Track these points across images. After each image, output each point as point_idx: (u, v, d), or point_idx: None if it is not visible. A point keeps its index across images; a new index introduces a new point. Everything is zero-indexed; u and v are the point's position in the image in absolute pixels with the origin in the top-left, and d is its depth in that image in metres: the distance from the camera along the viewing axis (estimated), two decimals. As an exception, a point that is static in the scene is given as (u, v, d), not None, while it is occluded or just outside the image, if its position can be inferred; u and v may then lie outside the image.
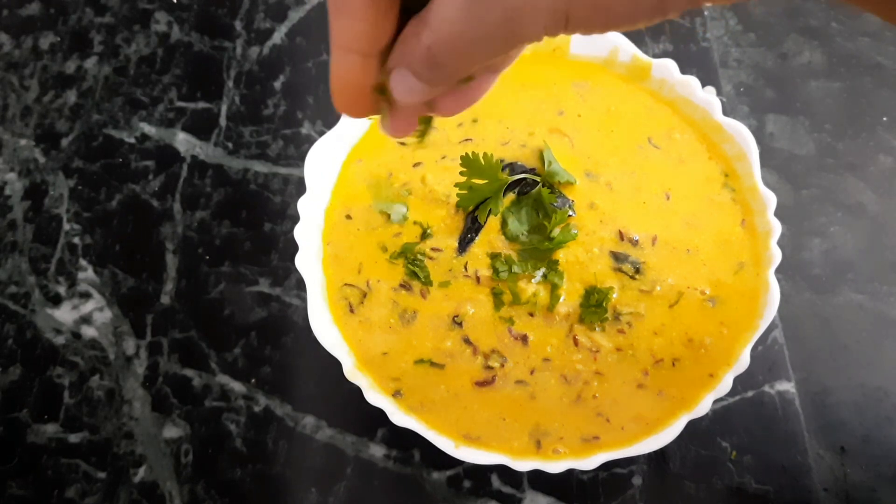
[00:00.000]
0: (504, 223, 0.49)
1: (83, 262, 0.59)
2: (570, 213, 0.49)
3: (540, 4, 0.23)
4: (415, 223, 0.50)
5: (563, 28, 0.24)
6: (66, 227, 0.61)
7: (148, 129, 0.65)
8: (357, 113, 0.29)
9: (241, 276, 0.58)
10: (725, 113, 0.51)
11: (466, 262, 0.48)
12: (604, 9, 0.24)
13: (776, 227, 0.48)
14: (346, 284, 0.49)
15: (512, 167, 0.50)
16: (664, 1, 0.24)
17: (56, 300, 0.58)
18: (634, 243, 0.49)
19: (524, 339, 0.47)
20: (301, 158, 0.57)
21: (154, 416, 0.54)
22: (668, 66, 0.52)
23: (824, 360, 0.56)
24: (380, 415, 0.44)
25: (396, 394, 0.46)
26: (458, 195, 0.49)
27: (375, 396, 0.45)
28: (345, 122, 0.52)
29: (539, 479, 0.51)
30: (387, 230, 0.50)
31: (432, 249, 0.49)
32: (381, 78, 0.28)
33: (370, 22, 0.26)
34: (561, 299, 0.47)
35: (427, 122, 0.33)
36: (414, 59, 0.27)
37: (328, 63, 0.28)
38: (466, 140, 0.52)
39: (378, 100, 0.29)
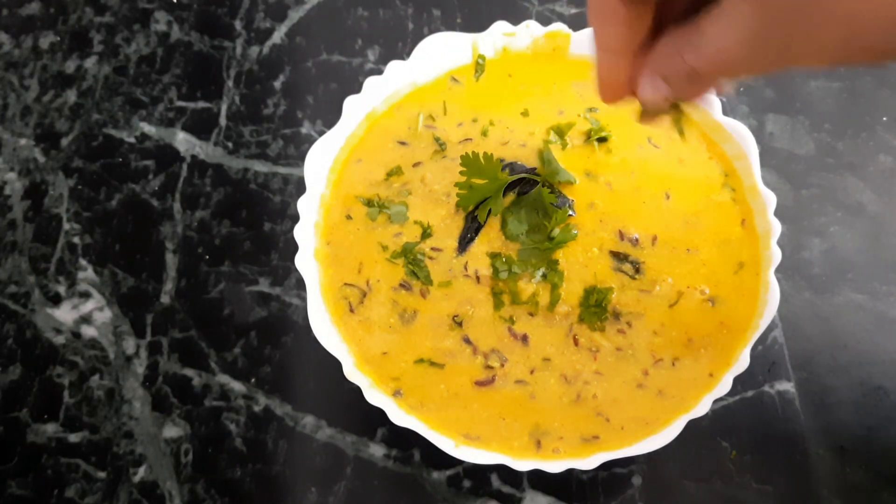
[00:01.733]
0: (504, 223, 0.49)
1: (83, 262, 0.59)
2: (570, 212, 0.49)
3: (826, 44, 0.25)
4: (415, 223, 0.50)
5: (833, 63, 0.27)
6: (66, 226, 0.61)
7: (148, 128, 0.65)
8: (617, 101, 0.33)
9: (241, 276, 0.58)
10: (725, 112, 0.51)
11: (466, 262, 0.48)
12: (852, 40, 0.26)
13: (776, 227, 0.48)
14: (346, 284, 0.49)
15: (512, 167, 0.50)
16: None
17: (56, 300, 0.58)
18: (634, 243, 0.49)
19: (524, 338, 0.47)
20: (301, 158, 0.57)
21: (154, 416, 0.54)
22: (669, 65, 0.52)
23: (824, 360, 0.56)
24: (380, 414, 0.44)
25: (396, 393, 0.46)
26: (458, 195, 0.49)
27: (375, 396, 0.45)
28: (345, 121, 0.52)
29: (539, 479, 0.51)
30: (387, 230, 0.50)
31: (432, 249, 0.49)
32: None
33: (629, 27, 0.30)
34: (561, 299, 0.47)
35: (678, 110, 0.36)
36: (672, 72, 0.30)
37: (328, 63, 0.29)
38: (466, 140, 0.52)
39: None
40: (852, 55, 0.26)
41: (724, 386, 0.44)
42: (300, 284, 0.57)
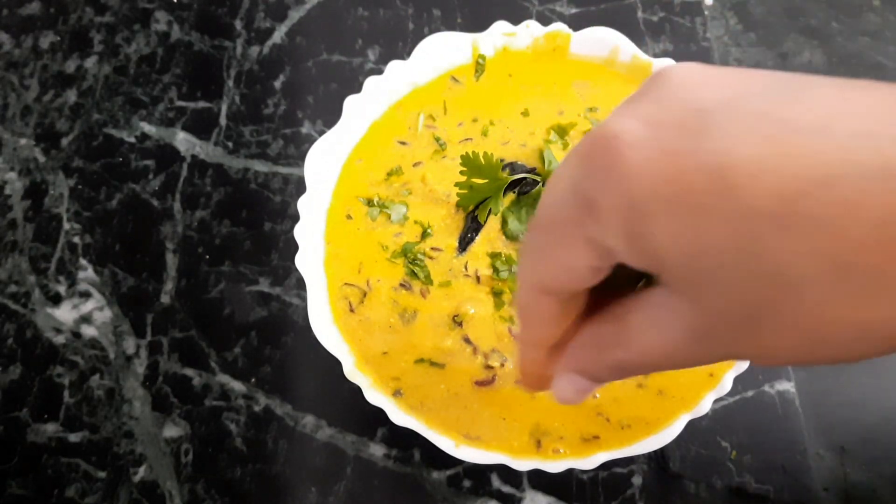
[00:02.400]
0: (504, 223, 0.49)
1: (83, 262, 0.59)
2: (571, 212, 0.49)
3: (772, 360, 0.21)
4: (415, 223, 0.50)
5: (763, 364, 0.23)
6: (66, 226, 0.61)
7: (148, 128, 0.65)
8: (537, 389, 0.30)
9: (241, 276, 0.58)
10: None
11: (466, 262, 0.48)
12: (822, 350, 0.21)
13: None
14: (346, 284, 0.49)
15: (512, 167, 0.50)
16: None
17: (56, 299, 0.58)
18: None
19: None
20: (301, 158, 0.57)
21: (154, 416, 0.54)
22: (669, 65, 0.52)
23: (824, 360, 0.55)
24: (380, 414, 0.44)
25: (396, 393, 0.46)
26: (458, 195, 0.49)
27: (375, 396, 0.45)
28: (345, 121, 0.52)
29: (539, 479, 0.51)
30: (387, 230, 0.50)
31: (432, 249, 0.49)
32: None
33: (559, 325, 0.26)
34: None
35: None
36: (594, 368, 0.26)
37: (328, 62, 0.28)
38: (466, 140, 0.52)
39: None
40: (812, 360, 0.21)
41: (724, 386, 0.44)
42: (300, 284, 0.57)
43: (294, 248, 0.48)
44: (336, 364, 0.45)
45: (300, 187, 0.58)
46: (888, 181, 0.17)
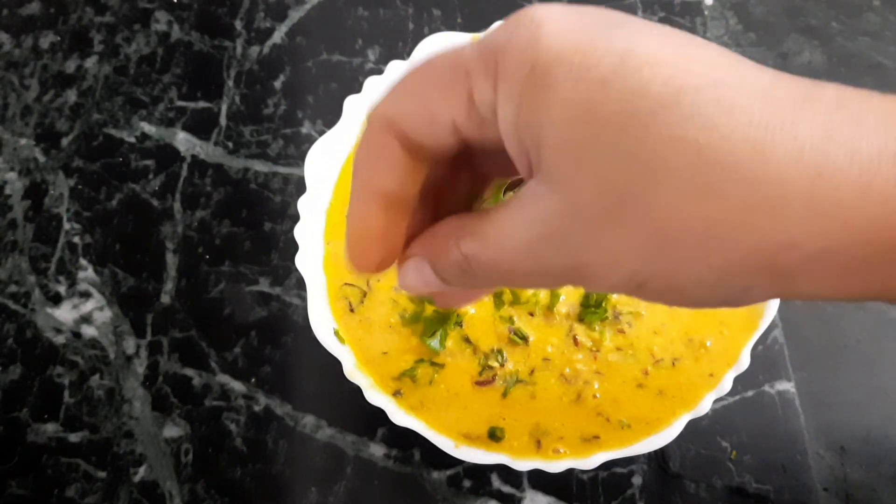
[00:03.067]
0: (504, 223, 0.49)
1: (83, 262, 0.59)
2: (571, 212, 0.49)
3: (617, 268, 0.20)
4: (415, 223, 0.50)
5: (629, 293, 0.22)
6: (66, 226, 0.61)
7: (148, 128, 0.65)
8: (364, 264, 0.25)
9: (241, 276, 0.58)
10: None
11: (466, 262, 0.48)
12: (678, 290, 0.21)
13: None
14: (346, 284, 0.49)
15: (512, 167, 0.50)
16: (746, 293, 0.21)
17: (56, 299, 0.58)
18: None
19: (524, 338, 0.47)
20: (301, 158, 0.57)
21: (154, 416, 0.54)
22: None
23: (824, 360, 0.56)
24: (380, 414, 0.44)
25: (396, 393, 0.46)
26: (458, 195, 0.49)
27: (375, 396, 0.45)
28: (345, 121, 0.52)
29: (539, 479, 0.51)
30: (387, 230, 0.50)
31: (432, 249, 0.49)
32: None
33: (403, 178, 0.24)
34: (561, 299, 0.47)
35: (422, 306, 0.32)
36: (443, 260, 0.24)
37: (328, 62, 0.28)
38: (466, 140, 0.52)
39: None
40: (651, 279, 0.21)
41: (724, 385, 0.45)
42: (300, 284, 0.57)
43: (294, 248, 0.48)
44: (336, 364, 0.45)
45: (300, 187, 0.58)
46: (766, 96, 0.18)
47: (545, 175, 0.20)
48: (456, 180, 0.26)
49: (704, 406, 0.44)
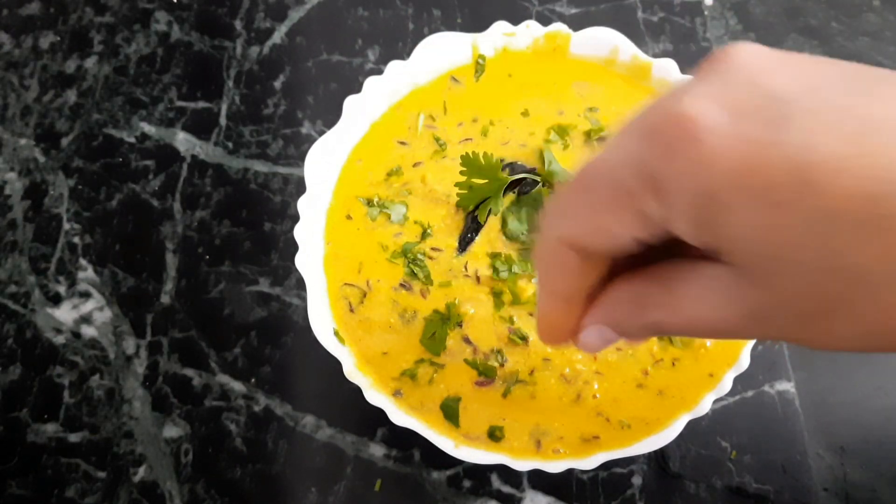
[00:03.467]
0: (504, 223, 0.49)
1: (83, 262, 0.59)
2: (570, 212, 0.49)
3: (828, 342, 0.22)
4: (415, 223, 0.50)
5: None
6: (66, 226, 0.61)
7: (148, 128, 0.65)
8: (559, 345, 0.30)
9: (241, 276, 0.58)
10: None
11: (466, 262, 0.48)
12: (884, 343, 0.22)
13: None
14: (346, 284, 0.49)
15: (512, 167, 0.50)
16: None
17: (56, 300, 0.58)
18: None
19: (524, 338, 0.47)
20: (301, 158, 0.57)
21: (154, 416, 0.54)
22: (669, 65, 0.52)
23: (824, 360, 0.56)
24: (380, 414, 0.44)
25: (396, 393, 0.46)
26: (458, 195, 0.49)
27: (375, 396, 0.45)
28: (345, 121, 0.52)
29: (539, 479, 0.51)
30: (387, 230, 0.50)
31: (432, 249, 0.49)
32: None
33: (581, 277, 0.26)
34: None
35: None
36: (630, 325, 0.26)
37: (328, 63, 0.28)
38: (466, 140, 0.52)
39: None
40: (872, 349, 0.22)
41: (724, 386, 0.45)
42: (300, 284, 0.57)
43: (294, 248, 0.48)
44: (336, 364, 0.45)
45: (300, 187, 0.58)
46: None
47: (741, 270, 0.21)
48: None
49: (704, 406, 0.44)
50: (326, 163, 0.51)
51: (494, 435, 0.45)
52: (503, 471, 0.51)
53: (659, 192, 0.21)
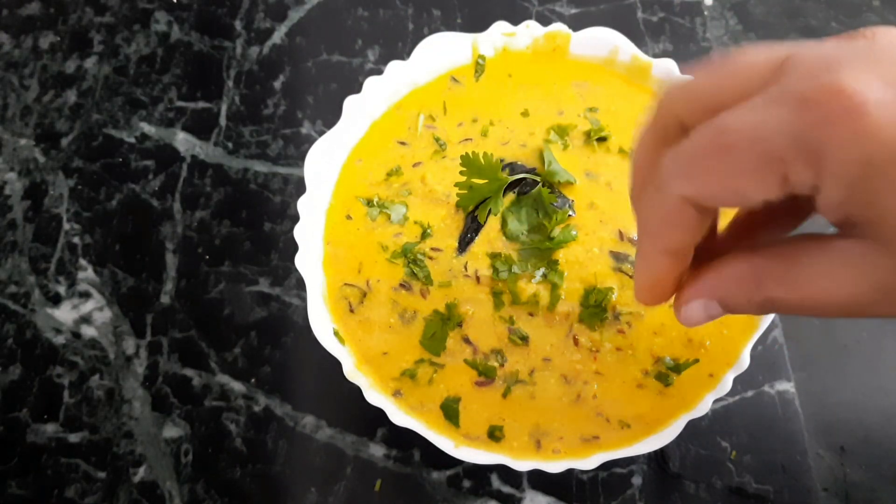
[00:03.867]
0: (504, 223, 0.49)
1: (83, 262, 0.59)
2: (570, 212, 0.49)
3: None
4: (415, 223, 0.50)
5: None
6: (66, 226, 0.61)
7: (148, 128, 0.65)
8: (655, 302, 0.30)
9: (241, 276, 0.58)
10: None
11: (466, 262, 0.48)
12: None
13: (776, 227, 0.47)
14: (346, 284, 0.49)
15: (512, 167, 0.50)
16: None
17: (56, 300, 0.58)
18: (634, 243, 0.49)
19: (524, 338, 0.47)
20: (301, 158, 0.57)
21: (154, 416, 0.54)
22: (669, 65, 0.52)
23: (824, 360, 0.56)
24: (380, 414, 0.44)
25: (396, 393, 0.46)
26: (457, 195, 0.49)
27: (375, 396, 0.45)
28: (345, 121, 0.52)
29: (539, 479, 0.51)
30: (387, 230, 0.50)
31: (432, 249, 0.49)
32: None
33: (694, 234, 0.27)
34: (561, 299, 0.47)
35: None
36: (740, 299, 0.27)
37: (328, 63, 0.28)
38: (466, 140, 0.52)
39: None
40: None
41: (724, 386, 0.44)
42: (300, 284, 0.57)
43: (294, 248, 0.48)
44: (336, 364, 0.45)
45: (300, 187, 0.58)
46: None
47: (882, 243, 0.22)
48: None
49: (704, 406, 0.44)
50: (326, 163, 0.51)
51: (494, 435, 0.45)
52: (503, 471, 0.51)
53: (814, 160, 0.22)
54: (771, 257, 0.26)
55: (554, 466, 0.43)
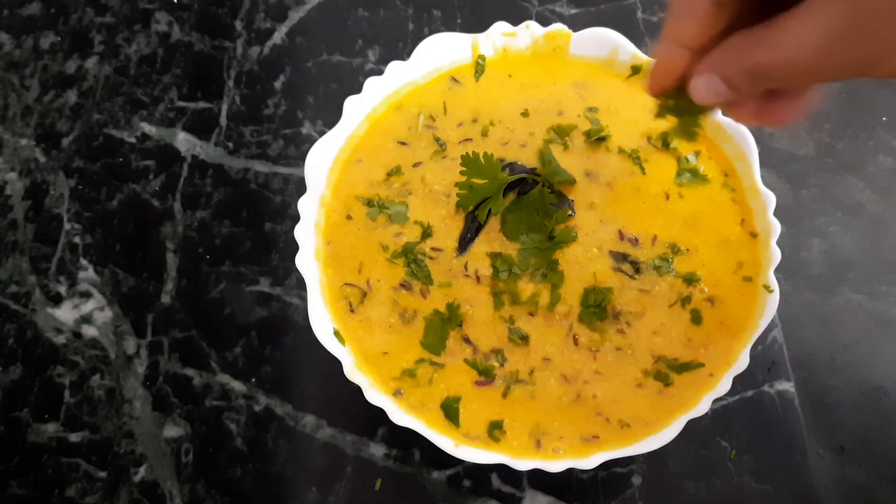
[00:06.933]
0: (504, 223, 0.49)
1: (84, 262, 0.59)
2: (570, 212, 0.49)
3: None
4: (415, 223, 0.50)
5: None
6: (67, 226, 0.61)
7: (148, 128, 0.65)
8: (663, 91, 0.36)
9: (242, 276, 0.58)
10: (725, 113, 0.51)
11: (466, 262, 0.48)
12: None
13: (776, 227, 0.48)
14: (346, 284, 0.49)
15: (512, 167, 0.50)
16: None
17: (57, 300, 0.58)
18: (634, 243, 0.49)
19: (524, 338, 0.47)
20: (301, 158, 0.57)
21: (154, 416, 0.54)
22: (668, 66, 0.52)
23: (824, 360, 0.56)
24: (380, 414, 0.44)
25: (396, 393, 0.46)
26: (458, 195, 0.49)
27: (375, 396, 0.45)
28: (345, 121, 0.52)
29: (539, 479, 0.51)
30: (387, 230, 0.50)
31: (432, 249, 0.49)
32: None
33: (707, 25, 0.31)
34: (561, 299, 0.47)
35: (701, 116, 0.38)
36: (736, 70, 0.31)
37: (328, 63, 0.29)
38: (466, 140, 0.52)
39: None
40: None
41: (723, 385, 0.45)
42: (300, 284, 0.57)
43: (294, 248, 0.48)
44: (336, 364, 0.45)
45: (300, 187, 0.58)
46: None
47: None
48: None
49: (704, 406, 0.44)
50: (326, 163, 0.51)
51: (494, 435, 0.45)
52: (503, 470, 0.51)
53: None
54: (758, 28, 0.29)
55: (554, 466, 0.43)
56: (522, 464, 0.44)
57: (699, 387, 0.45)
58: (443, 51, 0.54)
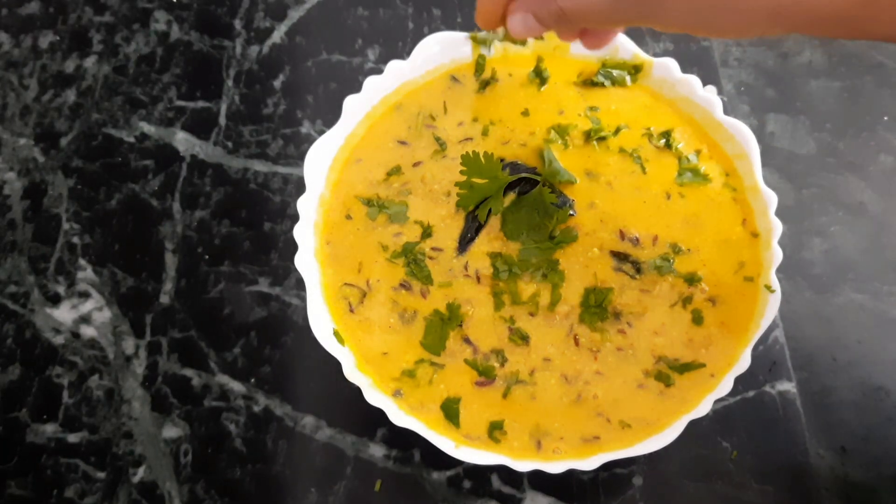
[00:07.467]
0: (504, 223, 0.49)
1: (82, 262, 0.59)
2: (571, 212, 0.49)
3: (676, 5, 0.33)
4: (415, 223, 0.50)
5: (685, 27, 0.35)
6: (66, 226, 0.61)
7: (147, 128, 0.65)
8: (491, 27, 0.43)
9: (241, 276, 0.58)
10: (726, 112, 0.51)
11: (467, 262, 0.48)
12: (704, 20, 0.34)
13: (777, 227, 0.47)
14: (345, 284, 0.49)
15: (512, 166, 0.50)
16: (775, 16, 0.32)
17: (55, 300, 0.58)
18: (635, 243, 0.49)
19: (525, 338, 0.46)
20: (301, 158, 0.57)
21: (153, 416, 0.54)
22: (669, 64, 0.52)
23: (825, 360, 0.55)
24: (380, 415, 0.44)
25: (396, 393, 0.46)
26: (458, 194, 0.49)
27: (375, 396, 0.45)
28: (345, 121, 0.52)
29: (539, 480, 0.51)
30: (387, 230, 0.50)
31: (432, 249, 0.49)
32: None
33: None
34: (561, 299, 0.47)
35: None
36: (543, 11, 0.38)
37: (328, 62, 0.29)
38: (466, 139, 0.52)
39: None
40: (710, 27, 0.34)
41: (724, 386, 0.44)
42: (300, 284, 0.57)
43: (294, 248, 0.48)
44: (336, 364, 0.45)
45: (300, 187, 0.58)
46: None
47: None
48: None
49: (705, 406, 0.44)
50: (326, 163, 0.51)
51: (494, 435, 0.45)
52: (503, 471, 0.51)
53: None
54: None
55: (554, 467, 0.43)
56: (523, 465, 0.43)
57: (700, 387, 0.45)
58: (443, 50, 0.54)
